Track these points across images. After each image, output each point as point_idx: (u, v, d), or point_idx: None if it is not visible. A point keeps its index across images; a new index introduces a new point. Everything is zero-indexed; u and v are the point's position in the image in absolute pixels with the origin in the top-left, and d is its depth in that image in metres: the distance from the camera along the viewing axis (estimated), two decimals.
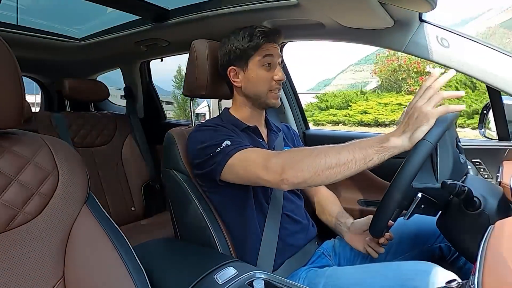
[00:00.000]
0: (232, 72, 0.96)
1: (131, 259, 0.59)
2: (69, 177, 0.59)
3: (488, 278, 0.37)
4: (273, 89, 0.94)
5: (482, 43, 0.96)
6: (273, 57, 0.93)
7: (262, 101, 0.96)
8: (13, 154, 0.55)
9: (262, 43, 0.92)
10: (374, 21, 1.02)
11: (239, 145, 0.81)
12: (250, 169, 0.77)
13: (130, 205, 1.77)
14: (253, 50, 0.92)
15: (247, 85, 0.96)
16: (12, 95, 0.52)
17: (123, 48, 1.77)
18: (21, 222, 0.54)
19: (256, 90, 0.95)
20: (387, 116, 11.80)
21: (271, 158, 0.74)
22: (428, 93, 0.65)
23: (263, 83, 0.93)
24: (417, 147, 0.64)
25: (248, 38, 0.92)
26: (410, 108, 0.67)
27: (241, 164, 0.79)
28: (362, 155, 0.67)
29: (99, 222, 0.59)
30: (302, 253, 0.94)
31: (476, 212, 0.65)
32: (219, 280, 0.66)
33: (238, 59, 0.95)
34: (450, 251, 0.89)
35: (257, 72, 0.93)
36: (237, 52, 0.94)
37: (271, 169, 0.73)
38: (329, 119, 13.04)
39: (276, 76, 0.93)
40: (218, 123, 0.91)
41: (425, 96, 0.65)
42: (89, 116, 1.78)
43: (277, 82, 0.94)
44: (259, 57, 0.92)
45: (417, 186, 0.66)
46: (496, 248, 0.42)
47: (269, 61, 0.93)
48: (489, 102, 1.07)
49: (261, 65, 0.93)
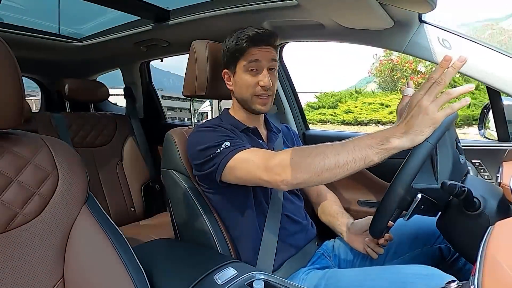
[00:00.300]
0: (226, 75, 0.97)
1: (130, 260, 0.59)
2: (69, 177, 0.59)
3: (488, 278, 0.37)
4: (258, 94, 0.92)
5: (481, 44, 0.97)
6: (260, 61, 0.90)
7: (248, 106, 0.95)
8: (13, 155, 0.55)
9: (246, 47, 0.89)
10: (374, 21, 1.02)
11: (238, 146, 0.81)
12: (249, 170, 0.77)
13: (130, 206, 1.77)
14: (239, 54, 0.91)
15: (236, 89, 0.96)
16: (12, 95, 0.52)
17: (123, 49, 1.77)
18: (21, 223, 0.54)
19: (242, 95, 0.94)
20: (367, 115, 12.29)
21: (270, 159, 0.74)
22: (435, 90, 0.59)
23: (247, 88, 0.92)
24: (417, 148, 0.63)
25: (234, 42, 0.91)
26: (413, 105, 0.61)
27: (241, 165, 0.79)
28: (361, 155, 0.65)
29: (98, 222, 0.59)
30: (302, 253, 0.94)
31: (476, 213, 0.65)
32: (218, 280, 0.66)
33: (228, 62, 0.95)
34: (450, 252, 0.89)
35: (242, 76, 0.92)
36: (227, 55, 0.94)
37: (270, 169, 0.73)
38: (318, 118, 13.68)
39: (261, 82, 0.90)
40: (217, 124, 0.91)
41: (431, 93, 0.59)
42: (89, 116, 1.78)
43: (263, 87, 0.91)
44: (245, 62, 0.90)
45: (417, 187, 0.66)
46: (496, 249, 0.42)
47: (255, 66, 0.90)
48: (489, 103, 1.07)
49: (246, 70, 0.91)
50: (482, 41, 0.97)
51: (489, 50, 0.95)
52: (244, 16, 1.19)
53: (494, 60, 0.95)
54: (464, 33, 1.00)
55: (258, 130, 0.99)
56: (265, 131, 1.04)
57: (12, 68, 0.52)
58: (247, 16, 1.18)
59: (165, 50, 1.68)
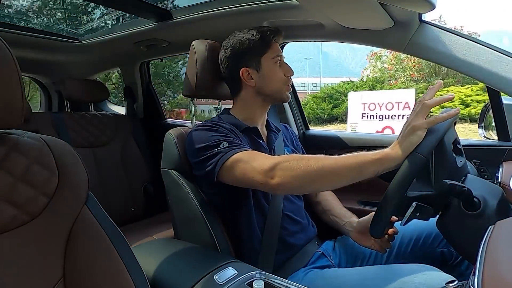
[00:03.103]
0: (245, 73, 0.96)
1: (130, 259, 0.59)
2: (69, 177, 0.59)
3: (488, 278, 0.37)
4: (287, 84, 0.98)
5: (482, 44, 0.97)
6: (281, 54, 0.97)
7: (278, 96, 0.99)
8: (13, 155, 0.55)
9: (273, 41, 0.95)
10: (374, 21, 1.02)
11: (236, 147, 0.81)
12: (246, 172, 0.77)
13: (130, 205, 1.77)
14: (265, 48, 0.95)
15: (263, 84, 0.96)
16: (12, 95, 0.52)
17: (123, 49, 1.77)
18: (21, 223, 0.54)
19: (273, 87, 0.97)
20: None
21: (267, 163, 0.75)
22: (416, 108, 0.70)
23: (279, 79, 0.97)
24: (407, 160, 0.67)
25: (259, 36, 0.94)
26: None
27: (237, 166, 0.79)
28: (358, 167, 0.70)
29: (99, 222, 0.59)
30: (302, 253, 0.94)
31: (476, 213, 0.65)
32: (218, 280, 0.66)
33: (249, 59, 0.95)
34: (452, 256, 0.88)
35: (271, 68, 0.96)
36: (246, 51, 0.95)
37: (266, 173, 0.74)
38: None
39: (288, 72, 0.97)
40: (217, 123, 0.91)
41: (413, 111, 0.70)
42: (89, 116, 1.78)
43: (289, 77, 0.98)
44: (272, 55, 0.95)
45: (412, 195, 0.67)
46: (496, 249, 0.42)
47: (280, 59, 0.96)
48: (489, 103, 1.07)
49: (274, 63, 0.96)
50: (482, 41, 0.97)
51: (489, 50, 0.95)
52: (244, 16, 1.19)
53: (494, 60, 0.95)
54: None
55: (259, 130, 0.99)
56: (266, 131, 1.04)
57: (12, 68, 0.52)
58: (247, 16, 1.18)
59: (165, 50, 1.68)
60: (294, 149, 1.11)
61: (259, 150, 0.93)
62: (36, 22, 1.65)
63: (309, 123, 1.61)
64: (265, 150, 0.96)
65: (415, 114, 0.69)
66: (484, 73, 0.95)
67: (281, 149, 1.02)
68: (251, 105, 0.99)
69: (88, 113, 1.80)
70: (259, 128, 0.99)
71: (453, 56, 0.97)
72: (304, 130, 1.56)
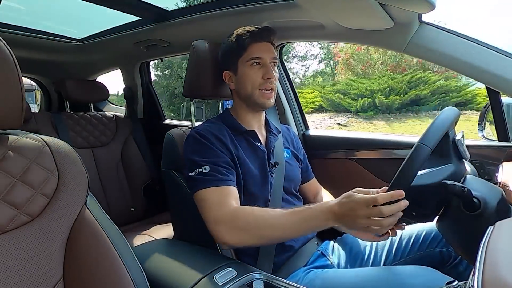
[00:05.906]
0: (227, 76, 0.98)
1: (130, 260, 0.59)
2: (69, 177, 0.59)
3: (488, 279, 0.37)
4: (263, 88, 0.93)
5: (481, 44, 0.97)
6: (262, 56, 0.93)
7: (252, 101, 0.95)
8: (13, 155, 0.55)
9: (248, 43, 0.92)
10: (373, 22, 1.02)
11: (212, 179, 0.82)
12: (203, 213, 0.82)
13: (130, 206, 1.77)
14: (241, 50, 0.93)
15: (238, 87, 0.96)
16: (12, 95, 0.52)
17: (122, 49, 1.77)
18: (21, 223, 0.54)
19: (246, 90, 0.95)
20: None
21: (221, 216, 0.79)
22: (368, 200, 0.67)
23: (252, 81, 0.93)
24: (412, 152, 0.66)
25: (235, 39, 0.93)
26: (368, 203, 0.68)
27: (202, 201, 0.83)
28: (304, 229, 0.78)
29: (99, 222, 0.59)
30: (301, 253, 0.94)
31: (475, 213, 0.65)
32: (218, 281, 0.66)
33: (229, 62, 0.96)
34: (450, 256, 0.88)
35: (245, 71, 0.94)
36: (227, 55, 0.96)
37: (216, 224, 0.79)
38: None
39: (266, 74, 0.92)
40: (213, 131, 0.90)
41: (365, 202, 0.68)
42: (89, 116, 1.78)
43: (267, 80, 0.92)
44: (247, 58, 0.93)
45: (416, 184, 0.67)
46: (496, 249, 0.42)
47: (258, 61, 0.93)
48: (489, 103, 1.07)
49: (250, 65, 0.93)
50: (482, 42, 0.97)
51: (489, 50, 0.95)
52: (244, 16, 1.18)
53: (494, 60, 0.95)
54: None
55: (257, 134, 0.99)
56: (265, 133, 1.04)
57: (12, 69, 0.52)
58: (247, 16, 1.18)
59: (165, 50, 1.68)
60: (295, 150, 1.11)
61: (255, 154, 0.93)
62: (36, 22, 1.64)
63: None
64: (263, 153, 0.96)
65: (366, 206, 0.67)
66: (484, 73, 0.95)
67: (280, 151, 1.02)
68: (239, 108, 1.00)
69: (88, 114, 1.80)
70: (256, 131, 0.99)
71: (453, 57, 0.98)
72: (304, 130, 1.56)
